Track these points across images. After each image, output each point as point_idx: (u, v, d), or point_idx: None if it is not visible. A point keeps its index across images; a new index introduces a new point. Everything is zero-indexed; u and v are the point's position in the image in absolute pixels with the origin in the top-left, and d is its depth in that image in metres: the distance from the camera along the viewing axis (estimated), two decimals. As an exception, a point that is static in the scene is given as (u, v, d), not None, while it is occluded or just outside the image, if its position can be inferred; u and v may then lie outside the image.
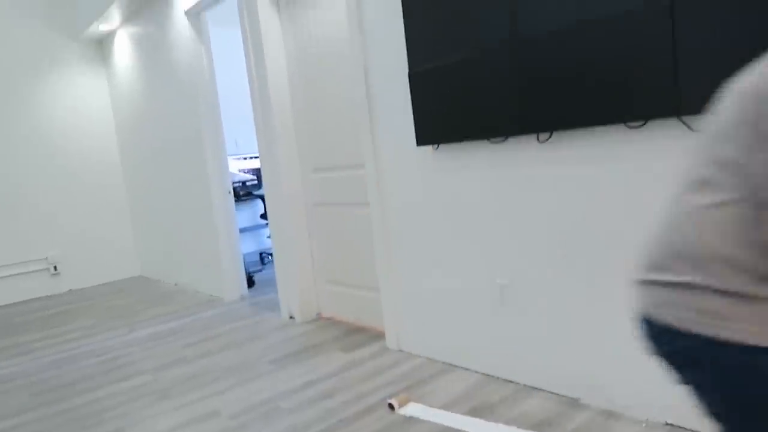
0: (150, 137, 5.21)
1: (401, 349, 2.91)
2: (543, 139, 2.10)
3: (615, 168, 1.91)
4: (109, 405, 2.63)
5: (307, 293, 3.59)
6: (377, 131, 2.78)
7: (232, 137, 5.92)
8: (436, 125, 2.39)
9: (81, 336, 3.88)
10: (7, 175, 5.28)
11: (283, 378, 2.72)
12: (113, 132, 5.91)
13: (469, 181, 2.40)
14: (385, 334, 2.97)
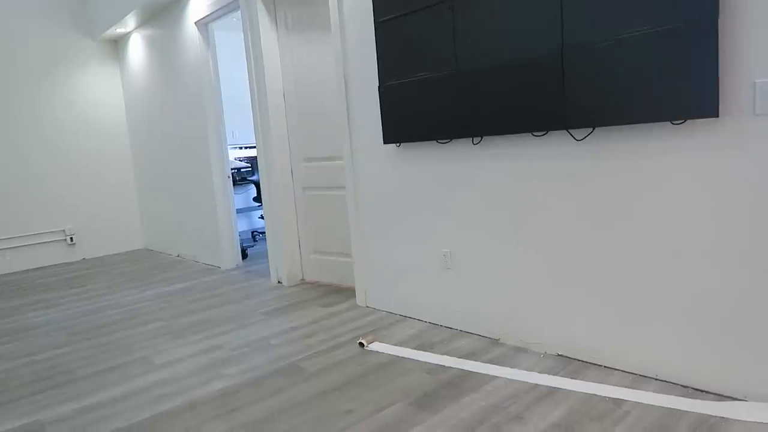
0: (158, 127, 5.64)
1: (368, 306, 3.44)
2: (476, 142, 2.64)
3: (525, 164, 2.46)
4: (135, 341, 3.12)
5: (293, 262, 4.10)
6: (354, 130, 3.29)
7: (229, 128, 6.37)
8: (398, 128, 2.91)
9: (101, 294, 4.34)
10: (31, 157, 5.68)
11: (273, 324, 3.23)
12: (124, 121, 6.32)
13: (423, 172, 2.92)
14: (356, 293, 3.50)
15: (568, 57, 2.14)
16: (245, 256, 5.19)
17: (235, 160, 6.38)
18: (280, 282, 4.17)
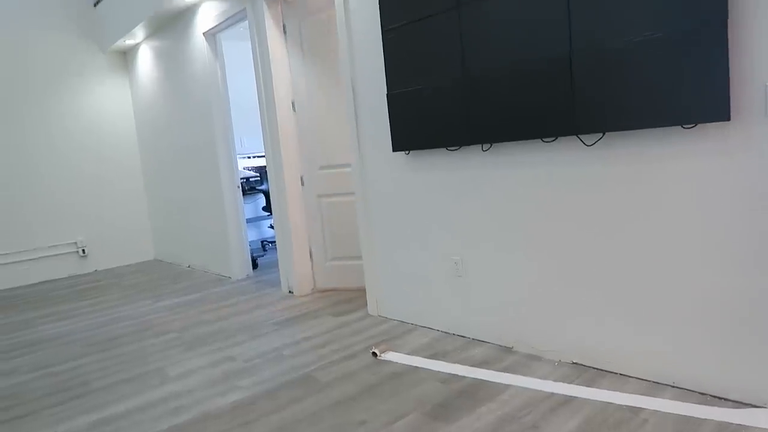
0: (167, 138, 5.71)
1: (380, 315, 3.45)
2: (485, 149, 2.65)
3: (535, 170, 2.47)
4: (149, 352, 3.16)
5: (304, 271, 4.12)
6: (362, 138, 3.31)
7: (237, 137, 6.42)
8: (407, 136, 2.93)
9: (114, 305, 4.39)
10: (43, 170, 5.77)
11: (285, 335, 3.26)
12: (134, 132, 6.40)
13: (432, 180, 2.94)
14: (367, 302, 3.52)
15: (577, 62, 2.16)
16: (255, 265, 5.22)
17: (244, 169, 6.43)
18: (290, 291, 4.20)
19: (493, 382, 2.38)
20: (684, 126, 1.96)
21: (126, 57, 6.28)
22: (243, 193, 5.68)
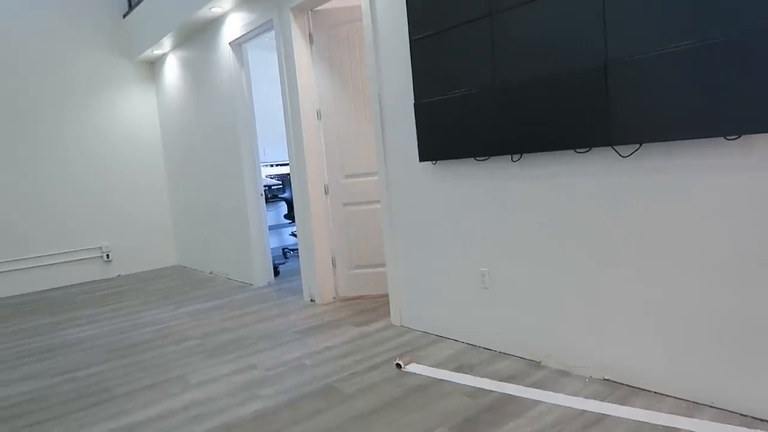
0: (191, 146, 5.73)
1: (402, 325, 3.38)
2: (516, 159, 2.58)
3: (567, 182, 2.39)
4: (170, 359, 3.12)
5: (326, 280, 4.07)
6: (388, 148, 3.27)
7: (260, 147, 6.43)
8: (434, 146, 2.87)
9: (136, 311, 4.38)
10: (71, 177, 5.83)
11: (307, 344, 3.20)
12: (159, 141, 6.45)
13: (460, 190, 2.88)
14: (390, 312, 3.45)
15: (612, 70, 2.08)
16: (277, 273, 5.19)
17: (266, 177, 6.43)
18: (312, 300, 4.14)
19: (522, 397, 2.29)
20: (727, 137, 1.88)
21: (153, 67, 6.35)
22: (265, 201, 5.66)
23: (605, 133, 2.14)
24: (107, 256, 6.03)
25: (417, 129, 2.94)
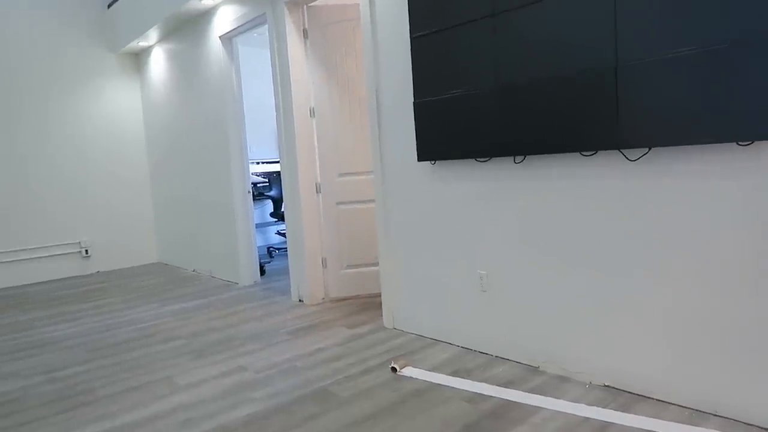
0: (176, 141, 5.57)
1: (395, 327, 3.30)
2: (518, 161, 2.52)
3: (571, 185, 2.34)
4: (156, 359, 2.99)
5: (315, 280, 3.97)
6: (385, 147, 3.18)
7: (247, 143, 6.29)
8: (434, 145, 2.80)
9: (119, 309, 4.21)
10: (49, 170, 5.61)
11: (298, 345, 3.10)
12: (142, 134, 6.26)
13: (460, 191, 2.81)
14: (383, 314, 3.37)
15: (623, 72, 2.04)
16: (263, 272, 5.06)
17: (252, 175, 6.29)
18: (301, 300, 4.04)
19: (522, 403, 2.23)
20: (739, 143, 1.84)
21: (138, 59, 6.16)
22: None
23: (614, 137, 2.10)
24: (86, 251, 5.83)
25: (416, 128, 2.86)
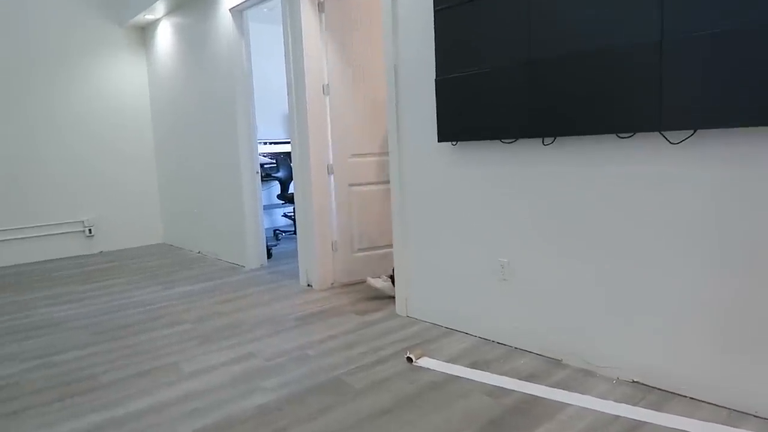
0: (183, 118, 5.41)
1: (408, 315, 3.17)
2: (548, 142, 2.37)
3: (605, 169, 2.19)
4: (161, 344, 2.88)
5: (325, 264, 3.84)
6: (403, 127, 3.03)
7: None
8: (456, 125, 2.65)
9: (122, 290, 4.10)
10: (52, 146, 5.47)
11: (308, 332, 2.98)
12: (148, 111, 6.10)
13: (481, 174, 2.66)
14: (395, 301, 3.24)
15: (669, 46, 1.87)
16: (270, 255, 4.94)
17: (260, 155, 6.14)
18: (309, 285, 3.91)
19: (547, 398, 2.11)
20: (799, 124, 1.69)
21: (144, 33, 5.98)
22: (258, 180, 5.38)
23: (656, 117, 1.94)
24: (89, 230, 5.70)
25: (437, 107, 2.71)
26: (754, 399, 1.88)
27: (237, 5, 4.22)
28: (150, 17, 5.48)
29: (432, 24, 2.75)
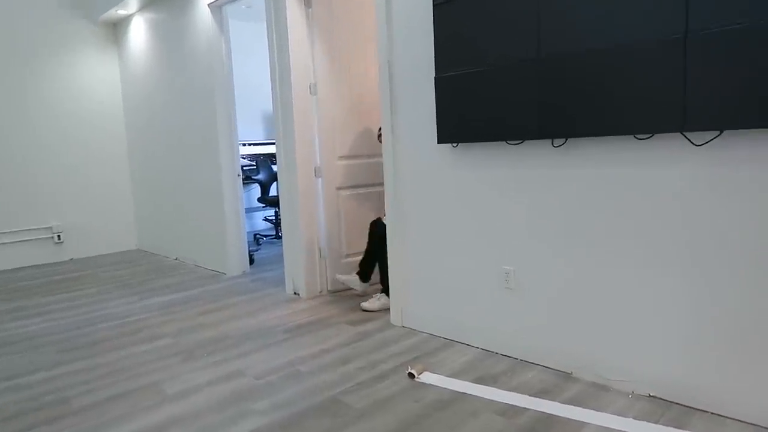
0: (158, 119, 5.14)
1: (404, 326, 3.01)
2: (558, 144, 2.23)
3: (620, 172, 2.06)
4: (139, 362, 2.65)
5: (312, 272, 3.65)
6: (398, 128, 2.87)
7: (233, 125, 5.88)
8: (457, 126, 2.50)
9: (94, 301, 3.83)
10: (19, 147, 5.13)
11: (299, 345, 2.79)
12: (120, 112, 5.80)
13: (485, 177, 2.51)
14: (390, 310, 3.07)
15: (693, 42, 1.75)
16: (252, 261, 4.72)
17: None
18: (296, 293, 3.72)
19: (562, 417, 1.97)
20: (836, 125, 1.58)
21: (116, 29, 5.68)
22: (237, 183, 5.15)
23: (678, 117, 1.82)
24: (58, 237, 5.38)
25: (437, 106, 2.55)
26: (783, 415, 1.78)
27: (216, 1, 3.99)
28: (123, 12, 5.20)
29: (430, 18, 2.60)
